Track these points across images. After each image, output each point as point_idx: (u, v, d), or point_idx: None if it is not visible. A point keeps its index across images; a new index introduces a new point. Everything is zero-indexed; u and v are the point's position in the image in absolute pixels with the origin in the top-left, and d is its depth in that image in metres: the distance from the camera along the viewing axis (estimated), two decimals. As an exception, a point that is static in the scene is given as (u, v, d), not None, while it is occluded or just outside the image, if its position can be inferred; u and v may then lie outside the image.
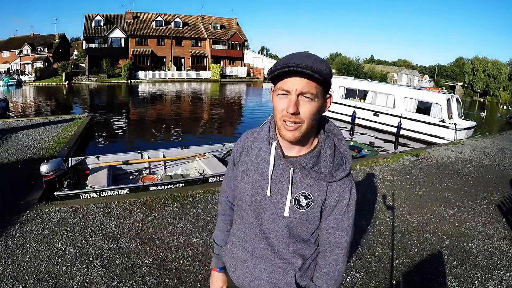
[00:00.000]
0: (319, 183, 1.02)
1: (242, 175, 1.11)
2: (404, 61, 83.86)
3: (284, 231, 1.05)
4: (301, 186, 1.02)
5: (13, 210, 3.78)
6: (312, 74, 0.88)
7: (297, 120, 0.93)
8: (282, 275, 1.10)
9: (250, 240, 1.13)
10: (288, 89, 0.92)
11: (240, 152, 1.16)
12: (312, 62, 0.88)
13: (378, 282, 2.83)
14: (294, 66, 0.87)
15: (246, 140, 1.16)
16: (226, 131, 13.01)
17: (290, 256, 1.09)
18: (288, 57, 0.92)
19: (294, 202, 1.02)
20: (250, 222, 1.11)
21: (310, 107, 0.93)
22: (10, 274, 2.66)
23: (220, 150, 6.95)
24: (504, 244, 3.60)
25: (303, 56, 0.91)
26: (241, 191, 1.11)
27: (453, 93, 13.04)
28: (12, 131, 7.94)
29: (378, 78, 47.96)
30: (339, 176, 1.02)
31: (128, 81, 33.17)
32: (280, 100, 0.95)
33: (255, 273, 1.13)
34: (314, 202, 1.02)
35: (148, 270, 2.81)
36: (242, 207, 1.13)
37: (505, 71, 47.78)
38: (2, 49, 43.85)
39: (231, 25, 43.22)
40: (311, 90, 0.91)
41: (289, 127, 0.94)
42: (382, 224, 3.88)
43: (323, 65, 0.89)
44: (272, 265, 1.11)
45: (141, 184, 5.01)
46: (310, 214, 1.03)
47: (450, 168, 6.51)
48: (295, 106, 0.91)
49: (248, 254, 1.15)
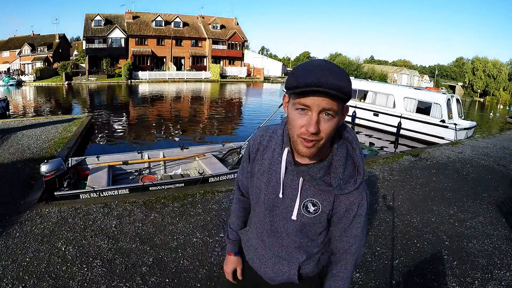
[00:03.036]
0: (328, 193, 1.03)
1: (258, 173, 1.14)
2: (404, 61, 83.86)
3: (293, 229, 1.10)
4: (310, 194, 1.04)
5: (13, 210, 3.78)
6: (338, 94, 0.83)
7: (317, 139, 0.90)
8: (287, 267, 1.17)
9: (261, 232, 1.20)
10: (309, 105, 0.86)
11: (256, 149, 1.16)
12: (337, 79, 0.83)
13: (378, 282, 2.83)
14: (321, 86, 0.82)
15: (262, 138, 1.16)
16: (226, 131, 13.01)
17: (296, 251, 1.15)
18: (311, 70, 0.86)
19: (302, 207, 1.05)
20: (263, 218, 1.17)
21: (331, 124, 0.89)
22: (10, 274, 2.66)
23: (220, 150, 6.95)
24: (504, 244, 3.60)
25: (326, 71, 0.84)
26: (257, 188, 1.15)
27: (453, 93, 13.03)
28: (12, 131, 7.94)
29: (378, 78, 47.98)
30: (347, 190, 1.00)
31: (128, 81, 33.17)
32: (299, 115, 0.89)
33: (264, 260, 1.21)
34: (322, 210, 1.05)
35: (148, 270, 2.81)
36: (257, 202, 1.17)
37: (505, 71, 47.77)
38: (2, 49, 43.83)
39: (231, 25, 43.21)
40: (333, 108, 0.86)
41: (307, 144, 0.91)
42: (382, 224, 3.88)
43: (347, 82, 0.86)
44: (279, 257, 1.17)
45: (141, 184, 5.01)
46: (318, 219, 1.06)
47: (450, 168, 6.51)
48: (316, 125, 0.87)
49: (259, 242, 1.22)
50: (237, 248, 1.38)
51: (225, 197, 4.38)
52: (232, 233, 1.38)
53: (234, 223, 1.38)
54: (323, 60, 0.91)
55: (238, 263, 1.38)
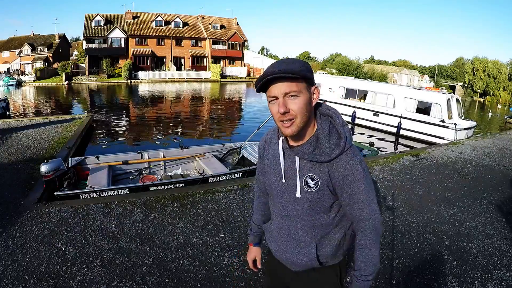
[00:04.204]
0: (321, 165, 1.13)
1: (267, 166, 1.30)
2: (404, 61, 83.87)
3: (303, 209, 1.20)
4: (307, 170, 1.15)
5: (13, 210, 3.79)
6: (288, 75, 1.01)
7: (291, 117, 1.06)
8: (305, 248, 1.24)
9: (278, 219, 1.31)
10: (274, 94, 1.06)
11: (263, 146, 1.35)
12: (286, 65, 1.02)
13: (378, 282, 2.83)
14: (270, 74, 1.01)
15: (266, 136, 1.35)
16: (226, 131, 13.00)
17: (311, 231, 1.23)
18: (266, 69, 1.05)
19: (304, 184, 1.16)
20: (277, 204, 1.29)
21: (298, 102, 1.05)
22: (10, 274, 2.67)
23: (220, 150, 6.95)
24: (504, 244, 3.60)
25: (278, 63, 1.04)
26: (268, 179, 1.30)
27: (453, 93, 13.03)
28: (12, 131, 7.94)
29: (378, 78, 47.94)
30: (334, 154, 1.10)
31: (128, 81, 33.17)
32: (272, 106, 1.09)
33: (284, 248, 1.30)
34: (321, 182, 1.14)
35: (148, 270, 2.81)
36: (271, 192, 1.31)
37: (505, 71, 47.77)
38: (2, 49, 43.82)
39: (231, 25, 43.22)
40: (293, 88, 1.03)
41: (285, 125, 1.08)
42: (382, 224, 3.87)
43: (296, 65, 1.03)
44: (296, 240, 1.26)
45: (141, 184, 5.02)
46: (321, 193, 1.15)
47: (450, 168, 6.51)
48: (283, 106, 1.05)
49: (278, 231, 1.32)
50: (257, 240, 1.55)
51: (225, 197, 4.38)
52: (253, 226, 1.56)
53: (254, 218, 1.56)
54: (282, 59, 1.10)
55: (257, 253, 1.55)
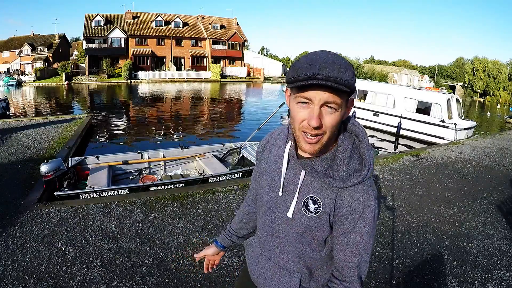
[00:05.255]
0: (330, 188, 0.93)
1: (263, 171, 1.10)
2: (404, 61, 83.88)
3: (294, 233, 1.00)
4: (311, 190, 0.95)
5: (13, 210, 3.78)
6: (340, 87, 0.79)
7: (319, 133, 0.86)
8: (288, 278, 1.06)
9: (262, 237, 1.13)
10: (311, 98, 0.83)
11: (263, 148, 1.14)
12: (339, 71, 0.79)
13: (378, 282, 2.83)
14: (321, 79, 0.78)
15: (270, 137, 1.14)
16: (226, 131, 13.00)
17: (297, 261, 1.04)
18: (311, 63, 0.81)
19: (303, 205, 0.96)
20: (264, 219, 1.10)
21: (334, 117, 0.85)
22: (10, 274, 2.66)
23: (220, 150, 6.95)
24: (504, 244, 3.60)
25: (328, 63, 0.80)
26: (260, 187, 1.10)
27: (453, 93, 13.03)
28: (12, 131, 7.94)
29: (378, 78, 47.97)
30: (350, 182, 0.90)
31: (128, 81, 33.16)
32: (300, 109, 0.86)
33: (263, 271, 1.13)
34: (323, 209, 0.94)
35: (148, 270, 2.81)
36: (260, 203, 1.11)
37: (505, 71, 47.77)
38: (2, 49, 43.80)
39: (231, 25, 43.21)
40: (336, 101, 0.83)
41: (310, 140, 0.87)
42: (382, 224, 3.88)
43: (350, 74, 0.81)
44: (279, 267, 1.08)
45: (141, 184, 5.02)
46: (319, 221, 0.95)
47: (450, 168, 6.51)
48: (318, 119, 0.83)
49: (260, 250, 1.15)
50: (225, 242, 1.37)
51: (225, 197, 4.38)
52: (228, 228, 1.39)
53: (233, 221, 1.39)
54: (325, 51, 0.85)
55: (217, 255, 1.38)
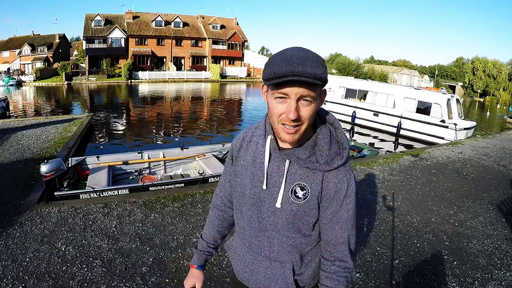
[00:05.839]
0: (315, 173, 0.99)
1: (241, 169, 1.10)
2: (404, 61, 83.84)
3: (283, 223, 1.03)
4: (298, 177, 1.00)
5: (13, 210, 3.79)
6: (314, 81, 0.85)
7: (297, 124, 0.92)
8: (280, 270, 1.08)
9: (248, 234, 1.12)
10: (287, 93, 0.88)
11: (239, 146, 1.14)
12: (312, 67, 0.84)
13: (378, 282, 2.83)
14: (297, 75, 0.84)
15: (244, 135, 1.15)
16: (226, 131, 13.00)
17: (288, 250, 1.07)
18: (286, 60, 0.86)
19: (291, 193, 1.00)
20: (250, 216, 1.09)
21: (310, 109, 0.91)
22: (10, 274, 2.67)
23: (220, 150, 6.95)
24: (504, 244, 3.60)
25: (302, 59, 0.85)
26: (241, 185, 1.10)
27: (453, 93, 13.04)
28: (12, 131, 7.94)
29: (378, 78, 47.94)
30: (335, 164, 0.98)
31: (128, 81, 33.15)
32: (278, 104, 0.91)
33: (253, 267, 1.12)
34: (311, 193, 0.99)
35: (148, 270, 2.81)
36: (242, 201, 1.11)
37: (505, 71, 47.80)
38: (2, 49, 43.80)
39: (231, 25, 43.20)
40: (311, 94, 0.89)
41: (289, 130, 0.92)
42: (382, 224, 3.88)
43: (323, 68, 0.87)
44: (270, 259, 1.09)
45: (141, 184, 5.02)
46: (308, 206, 1.00)
47: (450, 168, 6.51)
48: (296, 112, 0.89)
49: (246, 249, 1.14)
50: (202, 261, 1.29)
51: (225, 197, 4.37)
52: (201, 244, 1.30)
53: (205, 233, 1.31)
54: (297, 48, 0.90)
55: (198, 277, 1.26)
